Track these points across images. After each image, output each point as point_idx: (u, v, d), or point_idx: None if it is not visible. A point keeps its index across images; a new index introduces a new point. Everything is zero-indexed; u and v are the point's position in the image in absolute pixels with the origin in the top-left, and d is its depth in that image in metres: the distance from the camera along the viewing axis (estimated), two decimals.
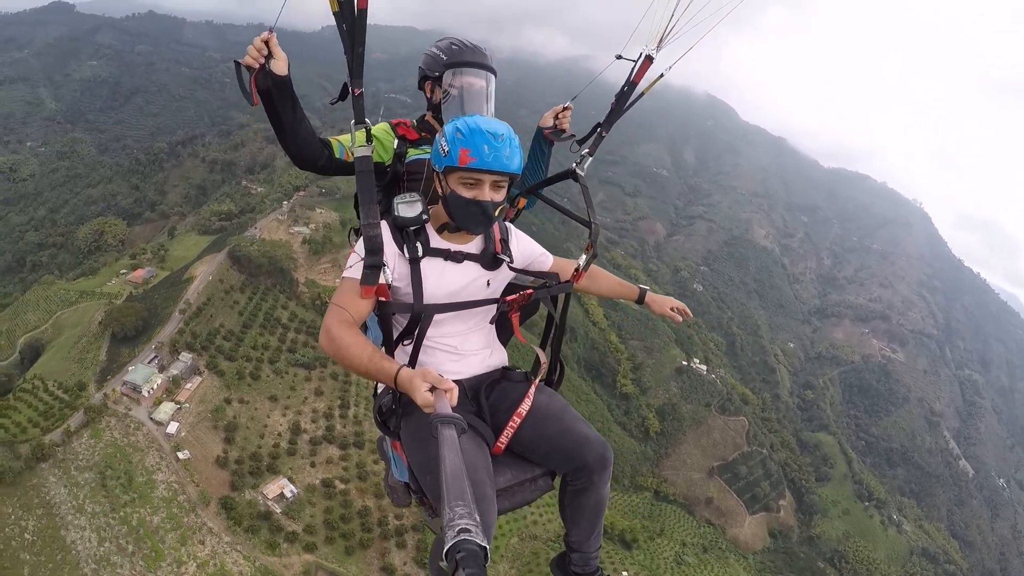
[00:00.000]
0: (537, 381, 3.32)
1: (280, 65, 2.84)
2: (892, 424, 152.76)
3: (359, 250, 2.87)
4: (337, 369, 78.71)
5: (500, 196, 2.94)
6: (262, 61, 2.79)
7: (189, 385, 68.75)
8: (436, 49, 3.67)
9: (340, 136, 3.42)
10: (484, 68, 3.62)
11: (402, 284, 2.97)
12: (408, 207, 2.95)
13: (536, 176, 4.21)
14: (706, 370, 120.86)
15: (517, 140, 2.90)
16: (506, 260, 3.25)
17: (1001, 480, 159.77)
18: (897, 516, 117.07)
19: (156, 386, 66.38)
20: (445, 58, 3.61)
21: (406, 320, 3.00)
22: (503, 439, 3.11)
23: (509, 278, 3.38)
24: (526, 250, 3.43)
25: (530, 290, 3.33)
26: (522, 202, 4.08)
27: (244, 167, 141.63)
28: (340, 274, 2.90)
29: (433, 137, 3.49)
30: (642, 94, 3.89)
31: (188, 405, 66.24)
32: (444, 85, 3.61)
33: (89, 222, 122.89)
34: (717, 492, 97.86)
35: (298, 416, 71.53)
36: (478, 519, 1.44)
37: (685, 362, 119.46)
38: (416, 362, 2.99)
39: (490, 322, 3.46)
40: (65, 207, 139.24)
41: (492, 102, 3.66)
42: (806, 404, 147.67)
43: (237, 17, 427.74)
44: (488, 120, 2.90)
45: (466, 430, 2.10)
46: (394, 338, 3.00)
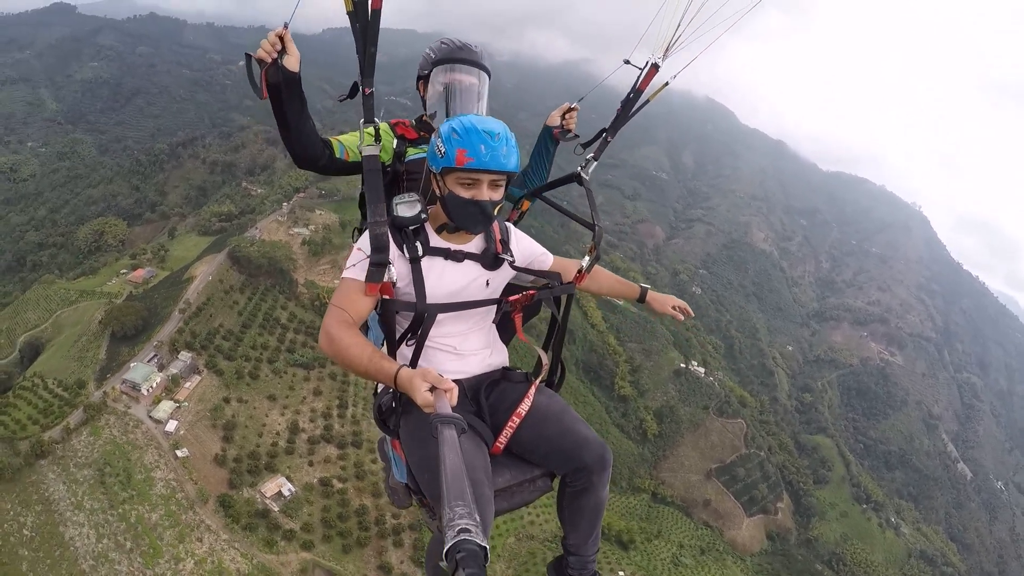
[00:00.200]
0: (538, 382, 3.34)
1: (293, 61, 2.86)
2: (890, 427, 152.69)
3: (364, 248, 2.89)
4: (336, 369, 78.90)
5: (498, 195, 2.95)
6: (275, 56, 2.81)
7: (188, 384, 69.04)
8: (428, 49, 3.69)
9: (340, 136, 3.42)
10: (474, 65, 3.63)
11: (403, 284, 2.97)
12: (407, 207, 2.96)
13: (539, 175, 4.24)
14: (704, 372, 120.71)
15: (513, 138, 2.91)
16: (508, 259, 3.25)
17: (999, 483, 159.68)
18: (895, 519, 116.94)
19: (155, 385, 66.58)
20: (435, 56, 3.63)
21: (408, 320, 3.02)
22: (502, 439, 3.12)
23: (509, 278, 3.39)
24: (526, 250, 3.44)
25: (532, 291, 3.35)
26: (526, 204, 4.09)
27: (244, 169, 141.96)
28: (339, 275, 3.06)
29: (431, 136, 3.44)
30: (647, 101, 3.92)
31: (187, 404, 66.52)
32: (432, 81, 3.64)
33: (89, 222, 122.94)
34: (715, 494, 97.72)
35: (296, 415, 71.84)
36: (478, 519, 1.44)
37: (683, 364, 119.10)
38: (418, 362, 3.00)
39: (493, 322, 3.49)
40: (65, 207, 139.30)
41: (485, 101, 3.67)
42: (804, 407, 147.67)
43: (238, 19, 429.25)
44: (483, 119, 2.90)
45: (466, 430, 2.08)
46: (396, 338, 3.02)
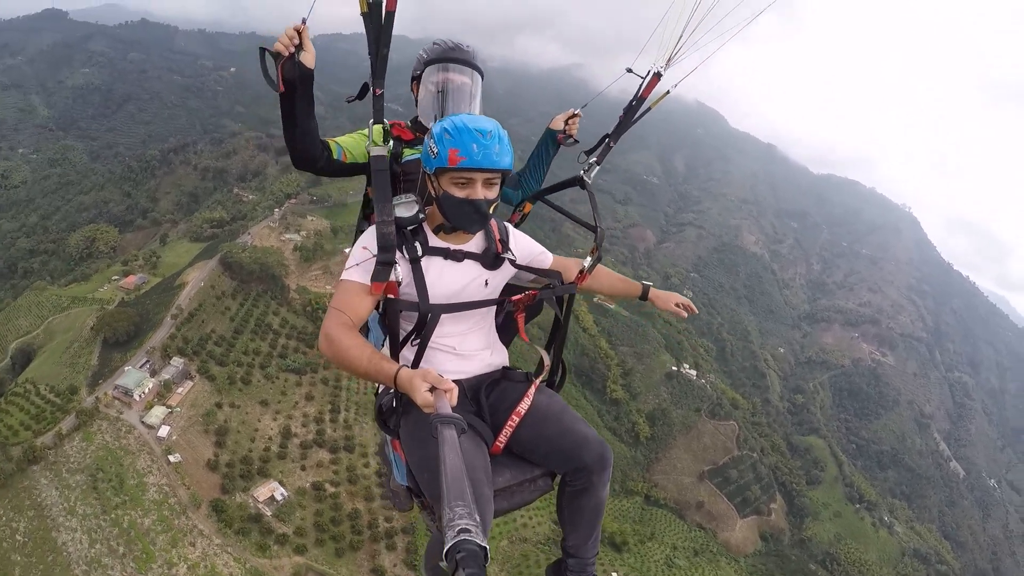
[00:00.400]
0: (538, 381, 3.33)
1: (309, 58, 2.86)
2: (882, 427, 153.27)
3: (371, 247, 2.89)
4: (328, 374, 79.04)
5: (493, 194, 2.95)
6: (292, 50, 2.79)
7: (180, 389, 69.00)
8: (422, 50, 3.69)
9: (338, 138, 3.43)
10: (467, 65, 3.63)
11: (405, 284, 2.97)
12: (404, 208, 2.97)
13: (536, 176, 4.25)
14: (696, 375, 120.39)
15: (507, 136, 2.91)
16: (509, 258, 3.26)
17: (992, 481, 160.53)
18: (888, 518, 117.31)
19: (147, 390, 66.59)
20: (427, 56, 3.64)
21: (410, 320, 3.05)
22: (501, 438, 3.12)
23: (508, 278, 3.39)
24: (524, 248, 3.44)
25: (535, 291, 3.39)
26: (528, 207, 4.09)
27: (236, 175, 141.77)
28: (332, 280, 3.10)
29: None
30: (649, 108, 4.00)
31: (179, 409, 66.55)
32: (424, 81, 3.65)
33: (81, 229, 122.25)
34: (708, 496, 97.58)
35: (289, 420, 71.83)
36: (478, 519, 1.43)
37: (675, 367, 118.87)
38: (421, 362, 3.02)
39: (497, 322, 3.54)
40: (57, 214, 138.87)
41: (477, 101, 3.66)
42: (796, 408, 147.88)
43: (229, 26, 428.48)
44: (475, 118, 2.89)
45: (466, 430, 2.08)
46: (400, 338, 3.02)
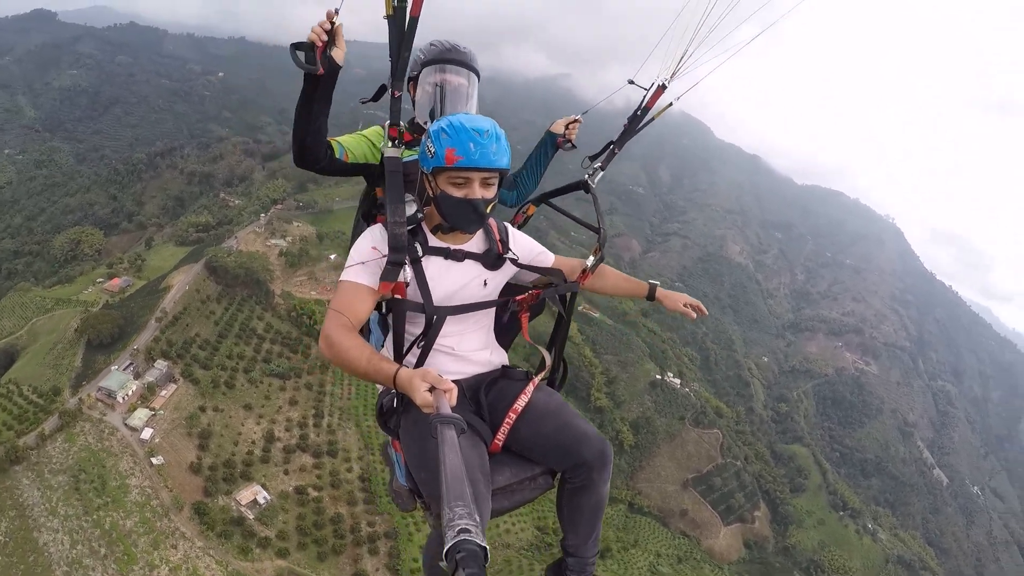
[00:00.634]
0: (538, 380, 3.34)
1: (340, 54, 2.84)
2: (866, 435, 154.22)
3: (379, 247, 2.92)
4: (312, 379, 79.23)
5: (491, 193, 2.93)
6: (325, 40, 2.77)
7: (164, 392, 68.98)
8: (419, 51, 3.66)
9: (339, 138, 3.40)
10: (463, 66, 3.62)
11: (410, 284, 2.99)
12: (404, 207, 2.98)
13: (532, 179, 4.27)
14: (680, 384, 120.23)
15: (504, 135, 2.90)
16: (511, 257, 3.27)
17: (975, 488, 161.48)
18: (872, 525, 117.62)
19: (131, 392, 66.50)
20: (424, 57, 3.62)
21: (416, 322, 3.06)
22: (500, 436, 3.11)
23: (508, 278, 3.39)
24: (524, 248, 3.44)
25: (538, 290, 3.44)
26: (532, 209, 4.11)
27: (222, 180, 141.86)
28: (317, 286, 3.11)
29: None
30: (653, 119, 4.02)
31: (163, 412, 66.51)
32: (421, 82, 3.62)
33: (66, 231, 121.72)
34: (691, 504, 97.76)
35: (272, 425, 71.88)
36: (478, 519, 1.43)
37: (659, 376, 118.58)
38: (424, 363, 3.05)
39: (504, 321, 3.56)
40: (42, 215, 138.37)
41: (474, 102, 3.66)
42: (780, 417, 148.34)
43: (219, 31, 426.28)
44: (472, 117, 2.89)
45: (466, 430, 2.08)
46: (404, 338, 3.02)
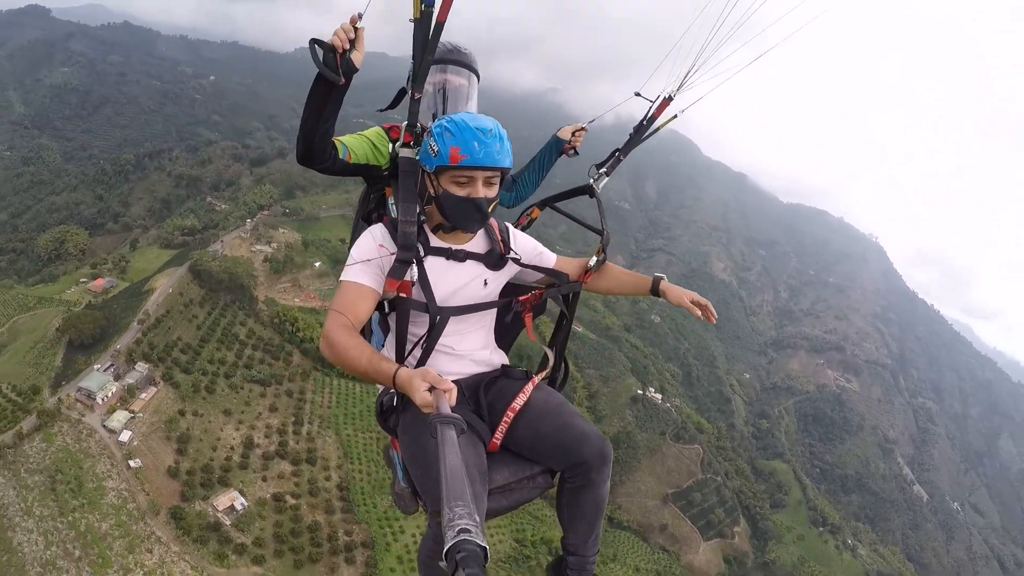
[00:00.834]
0: (538, 379, 3.33)
1: (359, 57, 2.81)
2: (846, 451, 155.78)
3: (388, 244, 2.95)
4: (292, 387, 79.23)
5: (493, 192, 2.95)
6: (347, 46, 2.75)
7: (144, 395, 68.74)
8: None
9: (342, 138, 3.37)
10: (464, 67, 3.65)
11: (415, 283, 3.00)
12: None
13: (532, 181, 4.34)
14: (661, 399, 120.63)
15: (506, 135, 2.92)
16: (513, 257, 3.29)
17: (955, 504, 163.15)
18: (852, 541, 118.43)
19: (111, 394, 66.32)
20: None
21: (419, 322, 3.06)
22: (498, 435, 3.09)
23: (508, 278, 3.41)
24: (525, 248, 3.45)
25: (541, 290, 3.46)
26: (536, 212, 4.14)
27: (210, 183, 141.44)
28: (300, 293, 3.16)
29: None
30: (657, 129, 4.13)
31: (142, 415, 66.23)
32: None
33: (51, 230, 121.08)
34: (671, 519, 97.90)
35: (251, 431, 71.74)
36: (478, 519, 1.42)
37: (640, 391, 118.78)
38: (425, 363, 3.05)
39: (508, 321, 3.57)
40: (27, 213, 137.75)
41: (474, 102, 3.70)
42: (761, 433, 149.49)
43: (212, 34, 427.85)
44: (475, 116, 2.89)
45: (465, 430, 2.07)
46: (407, 339, 3.03)
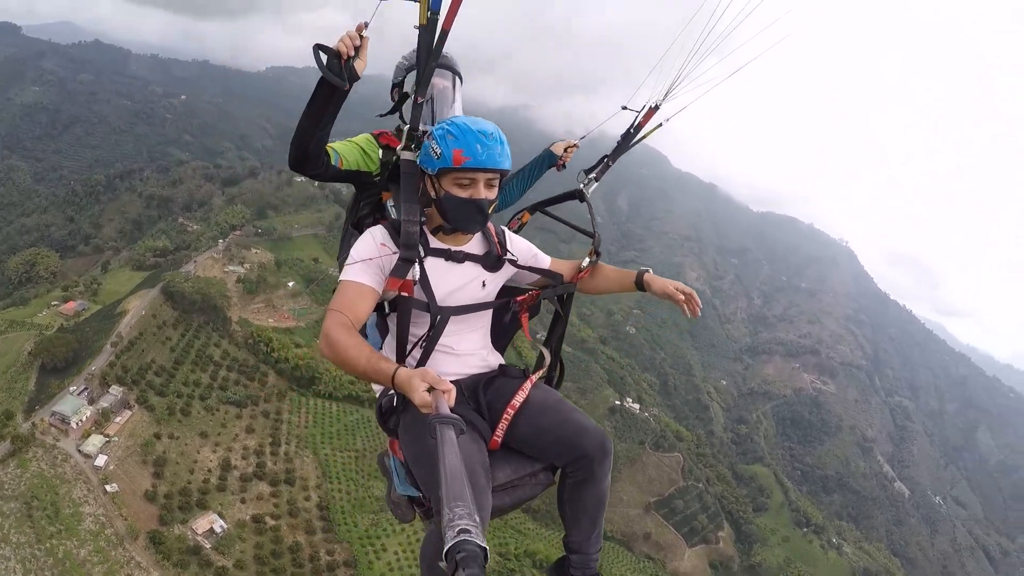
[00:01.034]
0: (535, 377, 3.38)
1: (361, 66, 2.83)
2: (826, 452, 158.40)
3: (389, 244, 2.97)
4: (269, 407, 79.11)
5: (493, 194, 3.00)
6: (352, 53, 2.77)
7: (119, 419, 67.98)
8: (403, 57, 3.69)
9: (332, 144, 3.37)
10: (447, 69, 3.68)
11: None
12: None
13: (520, 187, 4.41)
14: (639, 409, 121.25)
15: (506, 138, 2.98)
16: (511, 259, 3.34)
17: (937, 498, 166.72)
18: (836, 539, 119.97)
19: (85, 418, 65.50)
20: (408, 63, 3.64)
21: (419, 322, 3.07)
22: (498, 432, 3.11)
23: (505, 279, 3.44)
24: (521, 250, 3.51)
25: (537, 291, 3.55)
26: (527, 217, 4.20)
27: (181, 204, 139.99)
28: (275, 313, 3.29)
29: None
30: (643, 137, 4.24)
31: (117, 438, 65.53)
32: (406, 88, 3.66)
33: (21, 252, 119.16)
34: (655, 527, 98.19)
35: (228, 453, 71.22)
36: (478, 520, 1.42)
37: (618, 402, 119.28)
38: (426, 363, 3.08)
39: (507, 321, 3.64)
40: None
41: (459, 104, 3.71)
42: (740, 438, 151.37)
43: (183, 52, 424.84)
44: (475, 119, 2.94)
45: (465, 431, 2.06)
46: (407, 339, 3.04)
